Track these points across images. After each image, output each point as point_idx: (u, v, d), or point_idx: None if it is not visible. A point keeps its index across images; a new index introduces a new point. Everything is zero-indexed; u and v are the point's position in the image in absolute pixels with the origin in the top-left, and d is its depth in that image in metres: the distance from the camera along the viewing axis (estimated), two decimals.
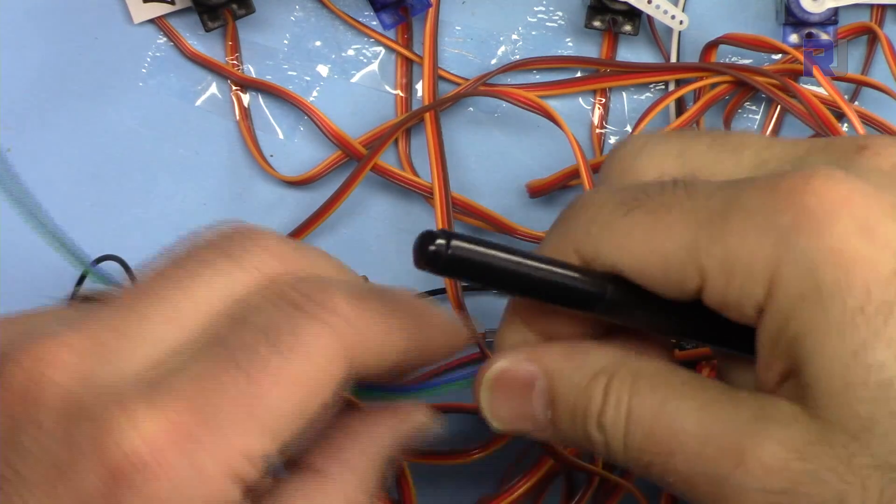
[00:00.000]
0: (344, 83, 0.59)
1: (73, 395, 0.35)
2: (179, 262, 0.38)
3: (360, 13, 0.58)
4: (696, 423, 0.36)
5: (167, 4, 0.57)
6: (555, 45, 0.59)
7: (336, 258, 0.42)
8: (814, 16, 0.57)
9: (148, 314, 0.37)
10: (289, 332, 0.37)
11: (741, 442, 0.35)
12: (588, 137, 0.58)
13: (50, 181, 0.58)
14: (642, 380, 0.38)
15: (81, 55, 0.58)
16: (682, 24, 0.57)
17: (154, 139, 0.58)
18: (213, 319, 0.37)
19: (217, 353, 0.36)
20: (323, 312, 0.37)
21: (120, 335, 0.37)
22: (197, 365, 0.36)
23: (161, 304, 0.37)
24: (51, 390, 0.35)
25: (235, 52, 0.58)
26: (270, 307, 0.37)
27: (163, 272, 0.38)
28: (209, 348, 0.37)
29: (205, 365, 0.36)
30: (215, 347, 0.36)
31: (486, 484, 0.54)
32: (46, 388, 0.36)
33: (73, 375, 0.36)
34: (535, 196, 0.58)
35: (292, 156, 0.58)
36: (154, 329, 0.37)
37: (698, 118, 0.56)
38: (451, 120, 0.58)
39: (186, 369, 0.36)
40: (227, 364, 0.36)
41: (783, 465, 0.35)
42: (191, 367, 0.36)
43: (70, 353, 0.36)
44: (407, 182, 0.57)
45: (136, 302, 0.37)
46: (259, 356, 0.36)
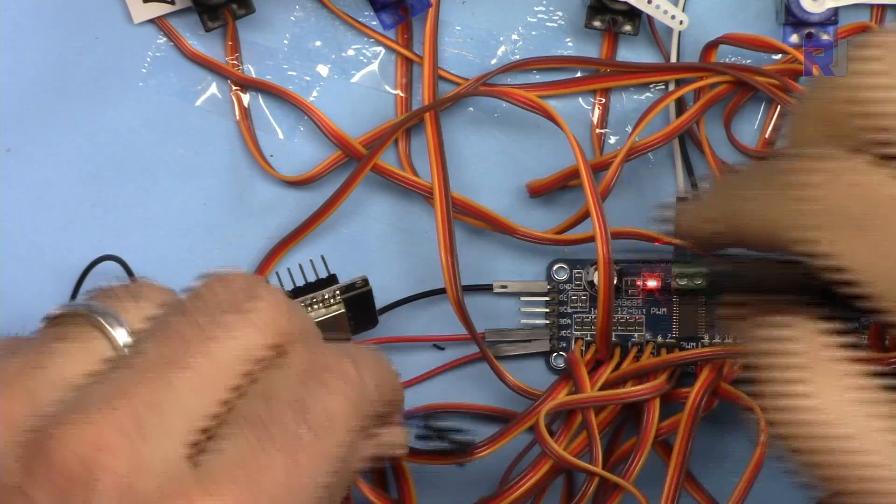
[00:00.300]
0: (344, 83, 0.59)
1: (128, 482, 0.35)
2: (195, 322, 0.38)
3: (360, 13, 0.58)
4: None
5: (167, 4, 0.57)
6: (555, 45, 0.59)
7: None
8: (814, 16, 0.57)
9: (176, 385, 0.37)
10: (315, 407, 0.37)
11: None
12: (588, 137, 0.58)
13: (50, 181, 0.58)
14: (837, 386, 0.37)
15: (81, 55, 0.58)
16: (682, 24, 0.57)
17: (154, 139, 0.58)
18: (239, 388, 0.38)
19: (253, 430, 0.37)
20: (341, 383, 0.38)
21: (155, 411, 0.36)
22: (238, 445, 0.36)
23: (187, 372, 0.37)
24: (106, 477, 0.35)
25: (235, 52, 0.58)
26: (295, 382, 0.38)
27: (181, 333, 0.38)
28: (245, 425, 0.37)
29: (246, 445, 0.36)
30: (251, 424, 0.37)
31: (486, 484, 0.54)
32: (101, 475, 0.35)
33: (125, 460, 0.35)
34: (535, 196, 0.58)
35: (292, 156, 0.58)
36: (185, 401, 0.37)
37: (698, 118, 0.56)
38: (451, 120, 0.58)
39: (229, 451, 0.36)
40: (266, 445, 0.36)
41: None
42: (233, 447, 0.36)
43: (118, 436, 0.35)
44: (407, 182, 0.57)
45: (162, 370, 0.37)
46: (292, 433, 0.37)
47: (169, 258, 0.58)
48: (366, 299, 0.55)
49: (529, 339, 0.58)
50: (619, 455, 0.54)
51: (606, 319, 0.53)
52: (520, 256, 0.58)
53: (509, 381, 0.55)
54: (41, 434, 0.36)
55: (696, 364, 0.54)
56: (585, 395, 0.53)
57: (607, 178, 0.55)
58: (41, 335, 0.39)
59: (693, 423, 0.53)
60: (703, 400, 0.53)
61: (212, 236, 0.58)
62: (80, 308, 0.39)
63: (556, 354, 0.58)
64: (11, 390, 0.37)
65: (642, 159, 0.58)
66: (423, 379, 0.58)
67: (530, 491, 0.52)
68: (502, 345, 0.58)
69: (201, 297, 0.39)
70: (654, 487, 0.52)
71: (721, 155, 0.58)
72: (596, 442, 0.52)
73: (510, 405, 0.57)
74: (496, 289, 0.58)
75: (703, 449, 0.57)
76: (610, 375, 0.54)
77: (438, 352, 0.58)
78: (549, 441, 0.51)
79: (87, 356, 0.38)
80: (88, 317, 0.38)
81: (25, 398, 0.37)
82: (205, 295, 0.39)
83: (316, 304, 0.54)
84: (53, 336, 0.38)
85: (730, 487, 0.52)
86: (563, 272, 0.58)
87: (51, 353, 0.38)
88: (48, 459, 0.35)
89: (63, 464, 0.35)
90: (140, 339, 0.38)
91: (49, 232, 0.58)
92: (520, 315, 0.58)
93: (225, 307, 0.38)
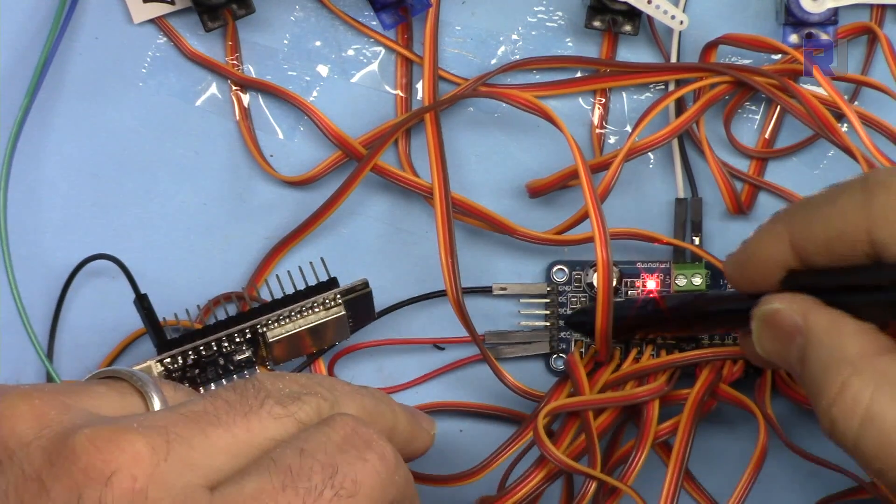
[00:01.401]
0: (344, 83, 0.59)
1: (143, 489, 0.36)
2: (245, 400, 0.40)
3: (360, 13, 0.58)
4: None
5: (167, 4, 0.57)
6: (555, 45, 0.59)
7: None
8: (814, 16, 0.57)
9: (210, 434, 0.39)
10: (346, 473, 0.39)
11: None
12: (588, 137, 0.58)
13: (50, 181, 0.58)
14: (887, 387, 0.38)
15: (81, 55, 0.58)
16: (682, 24, 0.57)
17: (154, 139, 0.58)
18: (274, 444, 0.40)
19: (279, 475, 0.38)
20: (377, 461, 0.40)
21: (185, 446, 0.38)
22: (260, 483, 0.38)
23: (222, 429, 0.39)
24: (124, 479, 0.37)
25: (235, 52, 0.58)
26: (334, 446, 0.40)
27: (231, 403, 0.40)
28: (273, 468, 0.38)
29: (269, 485, 0.38)
30: (278, 469, 0.38)
31: (486, 485, 0.54)
32: (119, 476, 0.36)
33: (146, 470, 0.37)
34: (534, 196, 0.58)
35: (292, 156, 0.58)
36: (213, 450, 0.39)
37: (698, 118, 0.56)
38: (451, 120, 0.58)
39: (250, 487, 0.38)
40: (288, 491, 0.38)
41: None
42: (254, 485, 0.38)
43: (147, 449, 0.37)
44: (407, 182, 0.57)
45: (201, 419, 0.39)
46: (317, 489, 0.38)
47: (169, 258, 0.58)
48: (366, 301, 0.55)
49: (529, 341, 0.58)
50: (618, 456, 0.54)
51: (606, 321, 0.53)
52: (519, 257, 0.58)
53: (509, 383, 0.55)
54: (71, 431, 0.37)
55: (696, 365, 0.54)
56: (585, 397, 0.53)
57: (607, 178, 0.55)
58: (86, 380, 0.43)
59: (693, 424, 0.53)
60: (702, 401, 0.53)
61: (212, 236, 0.58)
62: (124, 371, 0.42)
63: (556, 356, 0.58)
64: (49, 397, 0.39)
65: (642, 159, 0.58)
66: (423, 380, 0.58)
67: (530, 493, 0.52)
68: (502, 346, 0.58)
69: (254, 383, 0.41)
70: (654, 488, 0.52)
71: (721, 155, 0.58)
72: (594, 444, 0.52)
73: (510, 406, 0.57)
74: (496, 291, 0.58)
75: (703, 450, 0.57)
76: (609, 377, 0.54)
77: (438, 353, 0.58)
78: (548, 444, 0.51)
79: (122, 405, 0.41)
80: (130, 380, 0.42)
81: (60, 407, 0.39)
82: (258, 382, 0.41)
83: (317, 307, 0.54)
84: (96, 383, 0.42)
85: (730, 488, 0.52)
86: (562, 274, 0.58)
87: (90, 392, 0.41)
88: (73, 453, 0.37)
89: (86, 459, 0.37)
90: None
91: (49, 231, 0.58)
92: (519, 317, 0.58)
93: (276, 398, 0.41)
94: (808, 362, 0.41)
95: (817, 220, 0.41)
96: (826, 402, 0.39)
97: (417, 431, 0.47)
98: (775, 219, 0.44)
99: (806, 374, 0.41)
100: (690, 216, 0.58)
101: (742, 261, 0.45)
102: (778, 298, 0.42)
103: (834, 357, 0.40)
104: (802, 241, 0.42)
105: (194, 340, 0.53)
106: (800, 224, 0.42)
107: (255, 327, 0.53)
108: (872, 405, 0.38)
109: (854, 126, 0.53)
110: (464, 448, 0.57)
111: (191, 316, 0.55)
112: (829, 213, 0.41)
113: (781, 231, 0.43)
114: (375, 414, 0.44)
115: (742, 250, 0.45)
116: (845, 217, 0.40)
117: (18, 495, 0.37)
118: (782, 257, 0.43)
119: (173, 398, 0.43)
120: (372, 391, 0.45)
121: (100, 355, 0.57)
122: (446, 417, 0.58)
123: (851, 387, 0.39)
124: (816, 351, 0.40)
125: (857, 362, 0.39)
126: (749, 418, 0.53)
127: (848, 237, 0.40)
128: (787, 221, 0.43)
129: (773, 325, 0.42)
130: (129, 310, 0.54)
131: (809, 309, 0.41)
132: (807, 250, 0.42)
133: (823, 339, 0.40)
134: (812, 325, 0.41)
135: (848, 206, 0.40)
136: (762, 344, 0.43)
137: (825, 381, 0.39)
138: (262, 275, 0.57)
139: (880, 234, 0.39)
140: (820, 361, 0.40)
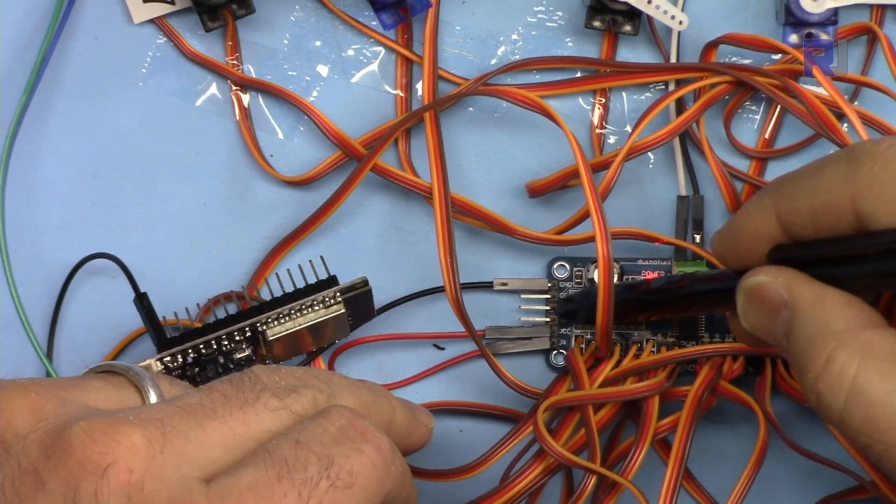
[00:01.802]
0: (344, 83, 0.59)
1: (139, 481, 0.36)
2: (241, 393, 0.40)
3: (360, 13, 0.58)
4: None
5: (167, 4, 0.57)
6: (555, 45, 0.59)
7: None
8: (814, 16, 0.57)
9: (206, 426, 0.39)
10: (342, 464, 0.39)
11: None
12: (588, 137, 0.58)
13: (50, 181, 0.58)
14: (873, 360, 0.38)
15: (81, 55, 0.58)
16: (682, 24, 0.57)
17: (154, 139, 0.58)
18: (270, 436, 0.40)
19: (275, 466, 0.38)
20: (374, 452, 0.40)
21: (181, 438, 0.38)
22: (256, 474, 0.38)
23: (218, 422, 0.39)
24: (120, 471, 0.36)
25: (235, 52, 0.58)
26: (330, 438, 0.39)
27: (227, 395, 0.40)
28: (269, 460, 0.38)
29: (264, 476, 0.38)
30: (274, 461, 0.38)
31: (487, 481, 0.54)
32: (116, 468, 0.36)
33: (143, 462, 0.37)
34: (534, 196, 0.58)
35: (292, 156, 0.58)
36: (210, 443, 0.38)
37: (698, 118, 0.56)
38: (451, 120, 0.58)
39: (246, 478, 0.38)
40: (283, 481, 0.38)
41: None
42: (250, 476, 0.38)
43: (143, 441, 0.37)
44: (407, 182, 0.57)
45: (198, 412, 0.39)
46: (312, 479, 0.38)
47: (169, 258, 0.58)
48: (365, 299, 0.55)
49: (529, 337, 0.58)
50: (618, 452, 0.54)
51: (606, 317, 0.53)
52: (519, 256, 0.58)
53: (508, 380, 0.55)
54: (68, 424, 0.37)
55: (696, 362, 0.54)
56: (585, 392, 0.53)
57: (607, 178, 0.55)
58: (82, 375, 0.42)
59: (692, 421, 0.52)
60: (702, 398, 0.53)
61: (212, 236, 0.58)
62: (121, 365, 0.42)
63: (556, 352, 0.58)
64: (45, 390, 0.39)
65: (642, 159, 0.58)
66: (422, 377, 0.58)
67: (529, 487, 0.52)
68: (502, 342, 0.58)
69: (251, 376, 0.41)
70: (654, 485, 0.52)
71: (721, 155, 0.58)
72: (594, 439, 0.52)
73: (510, 403, 0.57)
74: (496, 286, 0.58)
75: (703, 447, 0.57)
76: (610, 373, 0.54)
77: (438, 350, 0.58)
78: (548, 438, 0.51)
79: (118, 399, 0.41)
80: (127, 374, 0.42)
81: (57, 400, 0.39)
82: (254, 375, 0.41)
83: (316, 305, 0.54)
84: (92, 377, 0.42)
85: (729, 486, 0.52)
86: (563, 270, 0.58)
87: (86, 386, 0.41)
88: (69, 446, 0.37)
89: (82, 451, 0.37)
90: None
91: (49, 231, 0.58)
92: (520, 312, 0.58)
93: (272, 390, 0.40)
94: (793, 336, 0.40)
95: (803, 191, 0.41)
96: (812, 375, 0.39)
97: (415, 425, 0.47)
98: (762, 192, 0.43)
99: (791, 348, 0.40)
100: (692, 214, 0.58)
101: (728, 235, 0.44)
102: (763, 272, 0.42)
103: (819, 330, 0.39)
104: (788, 213, 0.42)
105: (194, 339, 0.53)
106: (785, 196, 0.42)
107: (254, 325, 0.53)
108: (858, 378, 0.38)
109: (854, 126, 0.53)
110: (463, 447, 0.57)
111: (191, 315, 0.55)
112: (814, 185, 0.40)
113: (767, 204, 0.42)
114: (372, 407, 0.44)
115: (728, 225, 0.45)
116: (830, 188, 0.40)
117: (15, 488, 0.37)
118: (769, 230, 0.42)
119: (169, 392, 0.42)
120: (369, 384, 0.45)
121: (99, 354, 0.57)
122: (446, 417, 0.58)
123: (837, 360, 0.38)
124: (802, 324, 0.40)
125: (842, 335, 0.39)
126: (749, 416, 0.53)
127: (833, 208, 0.40)
128: (772, 194, 0.42)
129: (758, 299, 0.42)
130: (129, 309, 0.54)
131: (795, 282, 0.41)
132: (793, 223, 0.42)
133: (809, 312, 0.40)
134: (797, 298, 0.41)
135: (833, 177, 0.40)
136: (748, 318, 0.43)
137: (811, 354, 0.39)
138: (263, 275, 0.57)
139: (864, 205, 0.39)
140: (805, 335, 0.40)
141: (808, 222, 0.41)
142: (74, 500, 0.36)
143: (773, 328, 0.41)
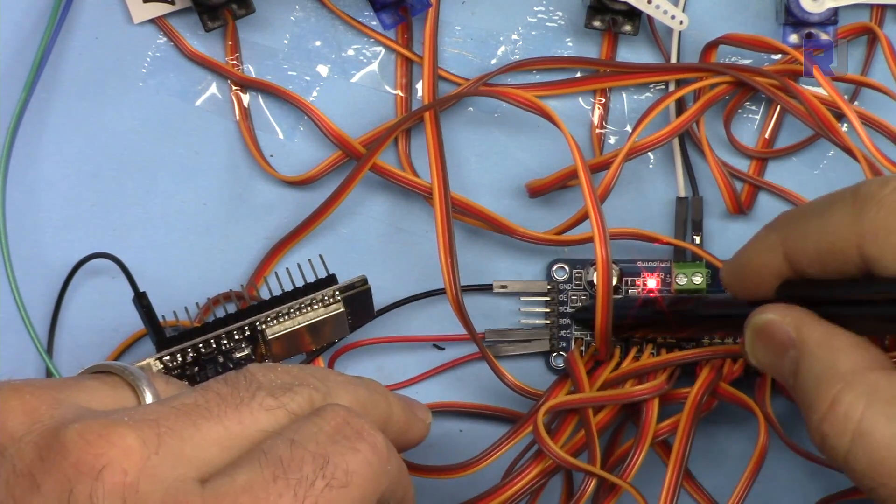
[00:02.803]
0: (344, 83, 0.59)
1: (134, 482, 0.36)
2: (237, 393, 0.40)
3: (360, 13, 0.58)
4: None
5: (167, 4, 0.57)
6: (555, 45, 0.59)
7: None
8: (814, 16, 0.57)
9: (201, 426, 0.39)
10: (337, 463, 0.39)
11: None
12: (588, 137, 0.58)
13: (50, 181, 0.58)
14: (879, 403, 0.38)
15: (81, 55, 0.58)
16: (682, 24, 0.57)
17: (154, 139, 0.58)
18: (265, 435, 0.39)
19: (270, 467, 0.38)
20: (369, 451, 0.40)
21: (176, 438, 0.38)
22: (251, 475, 0.38)
23: (213, 422, 0.39)
24: (115, 472, 0.36)
25: (235, 52, 0.58)
26: (325, 437, 0.39)
27: (222, 395, 0.40)
28: (264, 460, 0.38)
29: (259, 477, 0.38)
30: (269, 461, 0.38)
31: (486, 481, 0.54)
32: (111, 469, 0.36)
33: (137, 463, 0.37)
34: (534, 196, 0.58)
35: (292, 156, 0.58)
36: (205, 443, 0.38)
37: (698, 118, 0.56)
38: (451, 120, 0.58)
39: (241, 479, 0.38)
40: (279, 481, 0.38)
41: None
42: (245, 476, 0.38)
43: (138, 442, 0.37)
44: (406, 182, 0.57)
45: (192, 412, 0.39)
46: (307, 479, 0.38)
47: (168, 258, 0.58)
48: (365, 298, 0.55)
49: (529, 339, 0.58)
50: (618, 455, 0.54)
51: (606, 320, 0.53)
52: (519, 257, 0.58)
53: (509, 381, 0.55)
54: (62, 426, 0.37)
55: (696, 364, 0.54)
56: (584, 394, 0.53)
57: (607, 178, 0.55)
58: (77, 375, 0.42)
59: (692, 423, 0.52)
60: (702, 400, 0.53)
61: (212, 236, 0.58)
62: (116, 365, 0.42)
63: (556, 354, 0.58)
64: (40, 392, 0.39)
65: (642, 159, 0.58)
66: (422, 378, 0.58)
67: (528, 488, 0.52)
68: (502, 345, 0.58)
69: (246, 375, 0.41)
70: (654, 487, 0.52)
71: (721, 155, 0.58)
72: (594, 442, 0.52)
73: (510, 405, 0.57)
74: (496, 289, 0.58)
75: (703, 449, 0.57)
76: (609, 375, 0.54)
77: (438, 351, 0.58)
78: (548, 441, 0.51)
79: (113, 399, 0.41)
80: (122, 374, 0.41)
81: (51, 402, 0.39)
82: (249, 373, 0.41)
83: (315, 303, 0.54)
84: (87, 378, 0.41)
85: (729, 487, 0.52)
86: (562, 272, 0.58)
87: (81, 387, 0.40)
88: (63, 448, 0.37)
89: (77, 453, 0.37)
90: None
91: (49, 231, 0.58)
92: (520, 315, 0.58)
93: (268, 389, 0.40)
94: (800, 375, 0.41)
95: (809, 233, 0.41)
96: (817, 416, 0.39)
97: (412, 421, 0.47)
98: (769, 228, 0.44)
99: (798, 387, 0.41)
100: (691, 215, 0.58)
101: (737, 269, 0.45)
102: (771, 310, 0.42)
103: (826, 371, 0.39)
104: (795, 253, 0.42)
105: (194, 338, 0.53)
106: (792, 236, 0.42)
107: (253, 324, 0.53)
108: (864, 421, 0.38)
109: (854, 126, 0.53)
110: (463, 448, 0.57)
111: (190, 315, 0.55)
112: (821, 227, 0.41)
113: (775, 241, 0.43)
114: (369, 404, 0.44)
115: (737, 258, 0.45)
116: (837, 231, 0.40)
117: (10, 491, 0.37)
118: (777, 267, 0.43)
119: (165, 391, 0.42)
120: (366, 381, 0.45)
121: (99, 354, 0.57)
122: (446, 418, 0.58)
123: (843, 402, 0.38)
124: (809, 364, 0.40)
125: (849, 377, 0.39)
126: (749, 417, 0.53)
127: (839, 251, 0.40)
128: (780, 232, 0.43)
129: (766, 337, 0.42)
130: (129, 309, 0.54)
131: (803, 321, 0.41)
132: (800, 262, 0.42)
133: (816, 353, 0.40)
134: (805, 337, 0.41)
135: (838, 220, 0.40)
136: (755, 354, 0.43)
137: (817, 394, 0.39)
138: (262, 274, 0.57)
139: (871, 250, 0.39)
140: (812, 375, 0.40)
141: (815, 262, 0.41)
142: (69, 502, 0.36)
143: (781, 366, 0.42)
